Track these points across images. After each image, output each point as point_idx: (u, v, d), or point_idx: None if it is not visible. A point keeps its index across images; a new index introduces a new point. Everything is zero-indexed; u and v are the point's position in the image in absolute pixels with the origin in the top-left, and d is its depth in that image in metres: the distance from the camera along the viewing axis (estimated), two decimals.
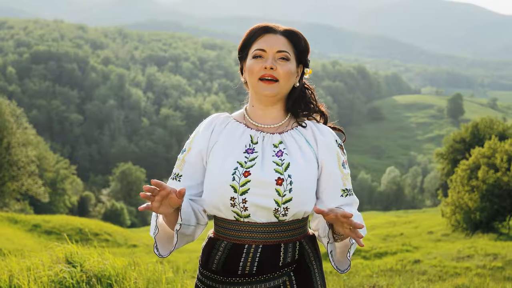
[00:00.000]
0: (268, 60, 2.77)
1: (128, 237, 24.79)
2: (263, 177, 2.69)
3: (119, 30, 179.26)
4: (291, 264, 2.75)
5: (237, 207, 2.70)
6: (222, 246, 2.78)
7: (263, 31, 2.84)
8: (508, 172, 28.59)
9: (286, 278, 2.74)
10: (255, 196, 2.68)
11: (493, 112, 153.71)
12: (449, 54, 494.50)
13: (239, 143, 2.81)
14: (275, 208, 2.69)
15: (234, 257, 2.73)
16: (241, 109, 3.05)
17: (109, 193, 78.87)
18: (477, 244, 22.22)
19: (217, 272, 2.76)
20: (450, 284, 6.75)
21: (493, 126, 43.30)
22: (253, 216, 2.71)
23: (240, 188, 2.69)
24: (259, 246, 2.72)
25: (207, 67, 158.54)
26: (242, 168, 2.72)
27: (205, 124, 2.94)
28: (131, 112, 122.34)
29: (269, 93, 2.77)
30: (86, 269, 4.95)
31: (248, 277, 2.71)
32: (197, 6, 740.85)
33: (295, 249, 2.77)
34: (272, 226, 2.73)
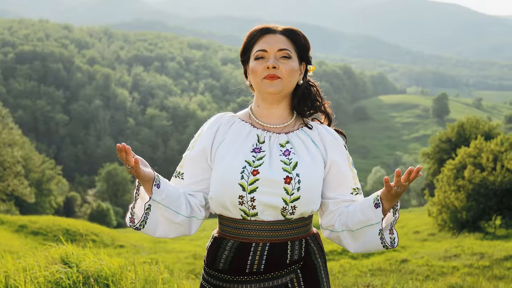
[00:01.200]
0: (270, 59, 2.80)
1: (115, 237, 24.74)
2: (271, 176, 2.72)
3: (104, 30, 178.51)
4: (298, 261, 2.79)
5: (245, 205, 2.73)
6: (228, 245, 2.81)
7: (262, 33, 2.87)
8: (494, 171, 28.73)
9: (294, 276, 2.79)
10: (263, 195, 2.72)
11: (478, 112, 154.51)
12: (434, 54, 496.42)
13: (245, 143, 2.84)
14: (283, 207, 2.73)
15: (242, 256, 2.77)
16: (240, 109, 3.13)
17: (95, 193, 78.57)
18: (463, 243, 22.32)
19: (224, 271, 2.79)
20: (444, 283, 6.78)
21: (478, 126, 43.47)
22: (260, 214, 2.74)
23: (248, 186, 2.72)
24: (267, 244, 2.75)
25: (193, 67, 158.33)
26: (251, 167, 2.75)
27: (209, 123, 3.02)
28: (117, 112, 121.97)
29: (273, 90, 2.81)
30: (82, 269, 4.95)
31: (256, 275, 2.74)
32: (183, 6, 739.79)
33: (302, 247, 2.81)
34: (279, 224, 2.76)
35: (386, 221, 2.83)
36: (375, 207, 2.77)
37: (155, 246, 26.59)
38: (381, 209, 2.76)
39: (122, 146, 2.69)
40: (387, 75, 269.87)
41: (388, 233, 2.81)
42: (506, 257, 18.10)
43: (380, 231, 2.78)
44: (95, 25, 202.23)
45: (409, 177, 2.64)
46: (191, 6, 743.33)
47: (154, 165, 13.54)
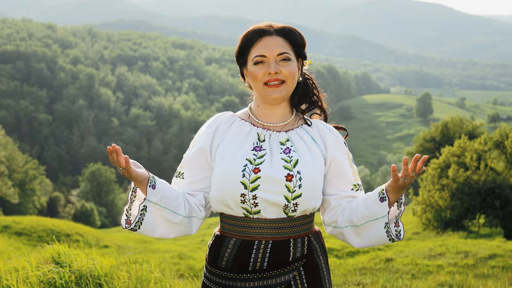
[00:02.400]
0: (271, 65, 2.79)
1: (99, 237, 24.66)
2: (272, 174, 2.74)
3: (88, 29, 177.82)
4: (301, 259, 2.81)
5: (247, 203, 2.75)
6: (231, 243, 2.82)
7: (259, 35, 2.84)
8: (477, 170, 28.86)
9: (296, 273, 2.80)
10: (265, 192, 2.73)
11: (461, 111, 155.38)
12: (418, 54, 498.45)
13: (246, 141, 2.85)
14: (285, 204, 2.75)
15: (244, 254, 2.78)
16: (241, 108, 3.11)
17: (79, 193, 78.23)
18: (448, 242, 22.43)
19: (227, 269, 2.80)
20: (433, 282, 6.82)
21: (462, 125, 43.67)
22: (263, 212, 2.75)
23: (250, 184, 2.73)
24: (269, 242, 2.77)
25: (177, 67, 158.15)
26: (252, 165, 2.76)
27: (208, 123, 3.02)
28: (100, 112, 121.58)
29: (277, 96, 2.81)
30: (74, 269, 4.93)
31: (259, 272, 2.75)
32: (167, 5, 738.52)
33: (304, 244, 2.83)
34: (281, 222, 2.78)
35: (390, 215, 2.86)
36: (381, 201, 2.80)
37: (140, 246, 26.52)
38: (387, 202, 2.78)
39: (112, 147, 2.67)
40: (371, 75, 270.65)
41: (393, 226, 2.84)
42: (490, 256, 18.20)
43: (386, 224, 2.81)
44: (79, 24, 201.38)
45: (415, 166, 2.66)
46: (175, 6, 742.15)
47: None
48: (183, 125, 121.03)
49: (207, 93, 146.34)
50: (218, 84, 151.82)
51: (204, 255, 21.77)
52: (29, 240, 22.04)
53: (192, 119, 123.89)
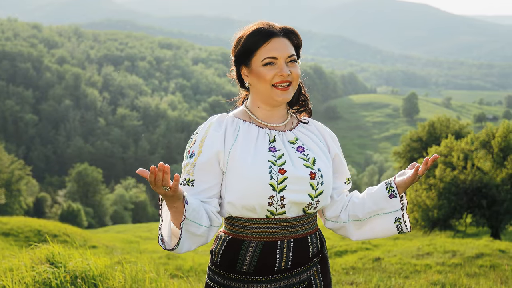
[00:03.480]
0: (283, 67, 2.80)
1: (87, 238, 24.56)
2: (298, 173, 2.76)
3: (74, 29, 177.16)
4: (318, 254, 2.88)
5: (274, 205, 2.74)
6: (251, 246, 2.78)
7: (268, 37, 2.83)
8: (464, 170, 28.96)
9: (315, 268, 2.86)
10: (291, 193, 2.74)
11: (447, 111, 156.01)
12: (404, 54, 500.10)
13: (259, 143, 2.82)
14: (309, 202, 2.79)
15: (269, 255, 2.77)
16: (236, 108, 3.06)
17: (66, 194, 77.98)
18: (435, 241, 22.49)
19: (249, 273, 2.77)
20: (426, 281, 6.85)
21: (449, 125, 43.80)
22: (287, 212, 2.77)
23: (278, 186, 2.73)
24: (291, 241, 2.80)
25: (164, 67, 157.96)
26: (276, 166, 2.75)
27: (213, 126, 2.87)
28: (87, 112, 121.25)
29: (285, 98, 2.82)
30: (69, 269, 4.92)
31: (284, 272, 2.77)
32: (153, 5, 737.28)
33: (317, 239, 2.90)
34: (300, 220, 2.82)
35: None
36: (390, 197, 2.93)
37: (127, 246, 26.44)
38: (399, 198, 2.93)
39: (161, 166, 2.48)
40: (358, 75, 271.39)
41: (402, 219, 2.97)
42: (478, 255, 18.27)
43: (397, 219, 2.96)
44: (65, 24, 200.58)
45: (426, 166, 2.83)
46: (162, 6, 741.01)
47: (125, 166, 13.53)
48: (169, 125, 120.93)
49: (193, 93, 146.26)
50: (204, 84, 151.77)
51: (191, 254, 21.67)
52: (16, 240, 21.92)
53: (179, 119, 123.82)
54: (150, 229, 46.80)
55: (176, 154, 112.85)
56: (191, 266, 17.82)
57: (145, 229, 47.86)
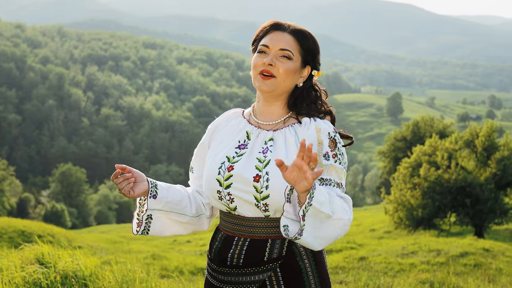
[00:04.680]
0: (269, 56, 2.80)
1: (71, 238, 24.44)
2: (243, 173, 2.73)
3: (57, 29, 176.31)
4: (277, 260, 2.76)
5: (224, 200, 2.79)
6: (219, 236, 2.91)
7: (272, 28, 2.87)
8: (448, 169, 29.09)
9: (272, 274, 2.76)
10: (237, 191, 2.75)
11: (431, 110, 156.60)
12: (388, 54, 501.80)
13: (234, 139, 2.89)
14: (255, 204, 2.73)
15: (226, 248, 2.83)
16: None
17: (49, 194, 77.66)
18: (420, 240, 22.56)
19: (214, 261, 2.88)
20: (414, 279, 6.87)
21: (433, 125, 44.04)
22: (240, 209, 2.77)
23: (224, 182, 2.77)
24: (247, 240, 2.78)
25: (148, 67, 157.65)
26: (229, 162, 2.79)
27: (214, 119, 3.09)
28: (70, 112, 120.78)
29: (265, 88, 2.79)
30: (59, 269, 4.90)
31: (235, 268, 2.78)
32: (137, 5, 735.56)
33: (283, 246, 2.77)
34: (260, 221, 2.77)
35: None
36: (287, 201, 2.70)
37: (112, 246, 26.35)
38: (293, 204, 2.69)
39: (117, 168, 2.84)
40: (342, 75, 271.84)
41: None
42: (462, 254, 18.36)
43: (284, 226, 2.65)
44: (48, 24, 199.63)
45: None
46: (146, 5, 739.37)
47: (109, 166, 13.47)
48: (154, 125, 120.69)
49: (178, 93, 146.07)
50: (189, 83, 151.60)
51: (176, 255, 21.64)
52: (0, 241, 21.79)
53: (163, 118, 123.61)
54: None
55: (160, 154, 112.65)
56: (176, 266, 17.81)
57: (129, 229, 47.70)
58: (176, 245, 30.55)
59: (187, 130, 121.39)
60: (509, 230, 30.89)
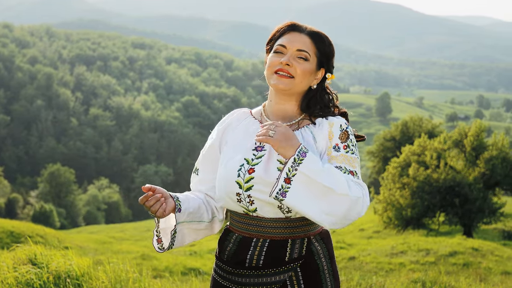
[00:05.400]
0: (286, 56, 2.81)
1: (60, 239, 24.37)
2: (265, 175, 2.73)
3: (46, 28, 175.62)
4: (298, 260, 2.79)
5: (243, 202, 2.78)
6: (233, 238, 2.88)
7: (289, 29, 2.89)
8: (437, 169, 29.20)
9: (292, 274, 2.79)
10: (259, 193, 2.74)
11: (420, 110, 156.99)
12: (377, 54, 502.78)
13: (249, 140, 2.87)
14: (278, 205, 2.74)
15: (243, 250, 2.82)
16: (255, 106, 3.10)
17: (38, 195, 77.41)
18: (409, 240, 22.62)
19: (228, 263, 2.85)
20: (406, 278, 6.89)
21: (422, 125, 44.19)
22: (260, 210, 2.77)
23: (244, 184, 2.75)
24: (266, 241, 2.79)
25: (137, 67, 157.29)
26: (248, 165, 2.78)
27: (222, 119, 3.05)
28: (59, 113, 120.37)
29: (281, 87, 2.81)
30: (52, 270, 4.89)
31: (254, 270, 2.77)
32: (126, 4, 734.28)
33: (303, 246, 2.81)
34: (280, 222, 2.78)
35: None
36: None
37: (101, 247, 26.32)
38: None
39: (146, 196, 2.79)
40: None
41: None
42: (451, 253, 18.43)
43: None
44: (36, 24, 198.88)
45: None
46: (134, 5, 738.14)
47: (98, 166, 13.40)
48: (143, 125, 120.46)
49: (167, 93, 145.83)
50: (178, 84, 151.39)
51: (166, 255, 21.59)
52: None
53: (152, 119, 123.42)
54: (123, 230, 46.64)
55: (149, 154, 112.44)
56: (166, 266, 17.80)
57: (118, 229, 47.68)
58: None
59: (176, 130, 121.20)
60: (497, 229, 31.01)
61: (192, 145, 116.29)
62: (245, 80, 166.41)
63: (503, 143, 30.06)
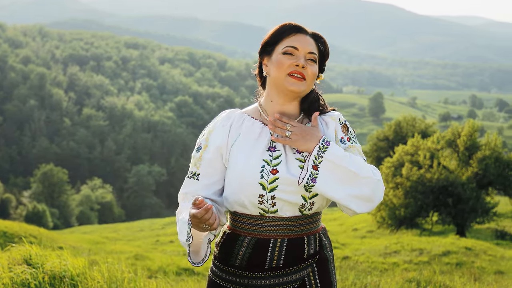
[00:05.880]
0: (301, 58, 2.82)
1: (54, 239, 24.32)
2: (290, 175, 2.75)
3: (39, 28, 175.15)
4: (314, 255, 2.85)
5: (265, 204, 2.77)
6: (245, 241, 2.84)
7: (295, 30, 2.88)
8: (430, 169, 29.26)
9: (310, 269, 2.84)
10: (283, 193, 2.75)
11: (413, 110, 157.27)
12: (370, 54, 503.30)
13: (260, 141, 2.86)
14: (302, 203, 2.78)
15: (260, 252, 2.80)
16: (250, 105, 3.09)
17: (31, 195, 77.24)
18: (402, 240, 22.65)
19: (241, 268, 2.83)
20: (401, 278, 6.91)
21: (415, 124, 44.22)
22: (280, 211, 2.78)
23: (268, 185, 2.75)
24: (285, 240, 2.81)
25: (130, 67, 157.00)
26: (269, 166, 2.77)
27: (221, 120, 2.97)
28: (52, 113, 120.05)
29: (296, 88, 2.82)
30: (47, 270, 4.88)
31: (275, 270, 2.79)
32: (119, 5, 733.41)
33: (316, 241, 2.87)
34: (296, 220, 2.81)
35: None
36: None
37: (94, 247, 26.25)
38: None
39: (205, 209, 2.66)
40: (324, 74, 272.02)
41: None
42: (444, 253, 18.47)
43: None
44: (29, 23, 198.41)
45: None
46: (128, 5, 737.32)
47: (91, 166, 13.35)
48: (136, 125, 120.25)
49: (160, 93, 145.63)
50: (171, 84, 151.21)
51: (159, 255, 21.56)
52: None
53: (145, 119, 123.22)
54: (116, 230, 46.57)
55: (143, 154, 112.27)
56: (160, 266, 17.77)
57: (111, 229, 47.60)
58: (159, 245, 30.48)
59: (170, 130, 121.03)
60: (490, 229, 31.10)
61: (185, 145, 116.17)
62: (238, 80, 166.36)
63: (496, 143, 30.16)
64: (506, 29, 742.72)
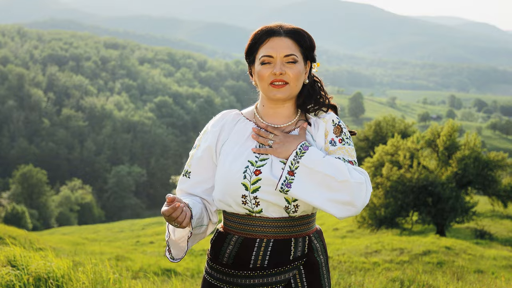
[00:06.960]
0: (277, 66, 2.80)
1: (33, 240, 24.16)
2: (272, 176, 2.75)
3: (17, 28, 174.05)
4: (301, 258, 2.83)
5: (249, 204, 2.78)
6: (233, 240, 2.86)
7: (267, 35, 2.85)
8: (410, 168, 29.37)
9: (296, 272, 2.83)
10: (266, 194, 2.76)
11: (392, 110, 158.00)
12: (349, 54, 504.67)
13: (249, 142, 2.87)
14: (285, 206, 2.77)
15: (246, 251, 2.82)
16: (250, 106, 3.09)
17: (9, 196, 76.69)
18: (383, 239, 22.75)
19: (228, 266, 2.84)
20: (385, 277, 6.94)
21: (395, 124, 44.41)
22: (265, 211, 2.79)
23: (251, 186, 2.76)
24: (271, 240, 2.80)
25: (110, 67, 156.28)
26: (253, 166, 2.78)
27: (214, 120, 3.01)
28: (31, 113, 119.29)
29: (280, 96, 2.82)
30: (32, 271, 4.86)
31: (259, 270, 2.78)
32: (98, 5, 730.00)
33: (305, 244, 2.85)
34: (284, 221, 2.81)
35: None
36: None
37: (75, 248, 26.09)
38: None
39: (174, 207, 2.65)
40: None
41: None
42: (425, 252, 18.57)
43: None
44: (7, 23, 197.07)
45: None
46: (107, 5, 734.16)
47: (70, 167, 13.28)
48: (116, 126, 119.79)
49: (140, 93, 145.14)
50: (151, 84, 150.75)
51: (140, 256, 21.50)
52: None
53: (125, 119, 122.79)
54: (96, 231, 46.42)
55: (122, 155, 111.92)
56: (141, 267, 17.72)
57: (91, 230, 47.44)
58: (140, 246, 30.40)
59: (149, 130, 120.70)
60: (470, 228, 31.30)
61: (165, 146, 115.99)
62: (218, 80, 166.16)
63: (475, 143, 30.35)
64: (484, 30, 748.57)
